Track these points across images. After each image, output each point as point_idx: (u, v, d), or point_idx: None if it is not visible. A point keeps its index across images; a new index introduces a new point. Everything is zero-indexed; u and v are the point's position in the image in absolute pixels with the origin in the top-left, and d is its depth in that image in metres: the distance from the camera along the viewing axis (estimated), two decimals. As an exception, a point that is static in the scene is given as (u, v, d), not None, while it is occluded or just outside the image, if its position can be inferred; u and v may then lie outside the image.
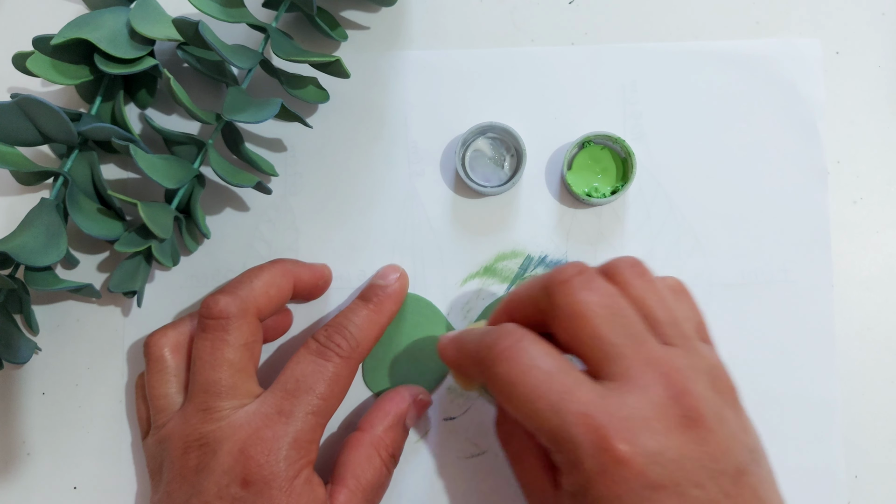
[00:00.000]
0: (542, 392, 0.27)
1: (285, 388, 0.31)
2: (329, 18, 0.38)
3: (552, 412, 0.26)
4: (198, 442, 0.31)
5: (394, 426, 0.34)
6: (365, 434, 0.33)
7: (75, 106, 0.39)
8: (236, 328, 0.32)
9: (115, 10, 0.35)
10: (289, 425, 0.31)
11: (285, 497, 0.30)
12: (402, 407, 0.34)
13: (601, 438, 0.25)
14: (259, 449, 0.30)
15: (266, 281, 0.34)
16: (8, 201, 0.39)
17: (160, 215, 0.34)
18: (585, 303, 0.27)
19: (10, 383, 0.38)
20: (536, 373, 0.27)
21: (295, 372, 0.32)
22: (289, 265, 0.35)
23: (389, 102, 0.39)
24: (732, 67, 0.38)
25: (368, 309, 0.34)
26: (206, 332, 0.32)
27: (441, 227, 0.38)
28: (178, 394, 0.33)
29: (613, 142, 0.37)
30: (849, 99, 0.38)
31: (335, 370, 0.32)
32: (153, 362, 0.34)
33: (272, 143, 0.39)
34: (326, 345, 0.32)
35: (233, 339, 0.32)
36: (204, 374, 0.32)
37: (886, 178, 0.38)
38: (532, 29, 0.39)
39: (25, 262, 0.32)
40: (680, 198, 0.38)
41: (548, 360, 0.27)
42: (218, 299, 0.32)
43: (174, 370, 0.34)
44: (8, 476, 0.37)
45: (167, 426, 0.33)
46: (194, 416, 0.32)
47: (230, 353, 0.32)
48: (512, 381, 0.27)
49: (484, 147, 0.38)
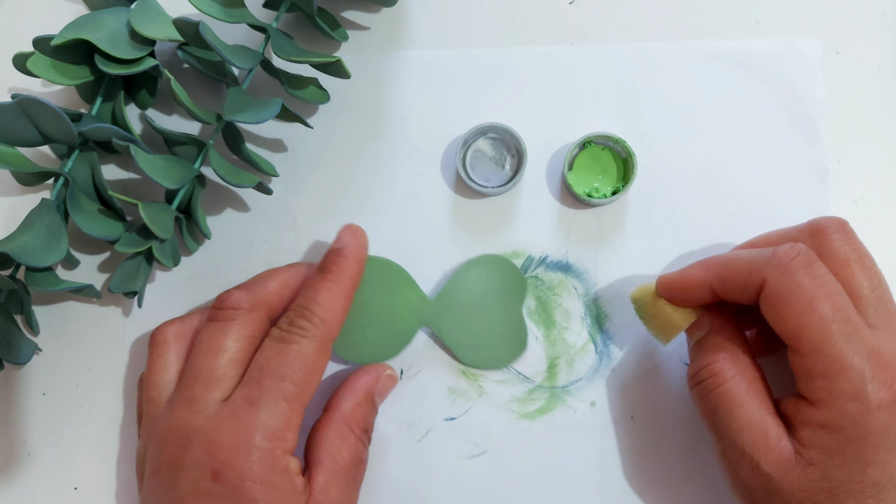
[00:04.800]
0: (835, 315, 0.28)
1: (251, 377, 0.31)
2: (329, 19, 0.38)
3: (844, 337, 0.28)
4: (175, 435, 0.30)
5: (362, 402, 0.33)
6: (333, 413, 0.33)
7: (76, 106, 0.39)
8: (243, 320, 0.32)
9: (115, 11, 0.35)
10: (257, 414, 0.30)
11: (261, 489, 0.29)
12: (370, 382, 0.34)
13: (889, 377, 0.28)
14: (227, 440, 0.29)
15: (281, 282, 0.34)
16: (8, 202, 0.39)
17: (161, 215, 0.34)
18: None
19: (10, 384, 0.38)
20: (833, 288, 0.29)
21: (259, 360, 0.31)
22: (305, 269, 0.35)
23: (390, 102, 0.39)
24: (733, 67, 0.38)
25: (328, 280, 0.33)
26: (213, 322, 0.32)
27: (441, 227, 0.38)
28: (174, 383, 0.33)
29: (614, 142, 0.37)
30: (849, 98, 0.38)
31: (300, 350, 0.31)
32: (154, 349, 0.33)
33: (273, 143, 0.39)
34: (288, 330, 0.32)
35: (237, 330, 0.32)
36: (199, 360, 0.31)
37: (887, 178, 0.38)
38: (532, 29, 0.39)
39: (26, 263, 0.32)
40: (680, 198, 0.38)
41: (836, 284, 0.29)
42: (231, 292, 0.33)
43: (174, 360, 0.33)
44: (8, 476, 0.37)
45: (154, 420, 0.32)
46: (179, 407, 0.31)
47: (231, 342, 0.32)
48: (807, 293, 0.28)
49: (485, 147, 0.38)
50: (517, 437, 0.37)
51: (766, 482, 0.29)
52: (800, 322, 0.28)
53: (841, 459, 0.28)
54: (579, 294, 0.37)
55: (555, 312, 0.37)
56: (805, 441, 0.29)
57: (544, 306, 0.37)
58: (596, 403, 0.37)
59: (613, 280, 0.37)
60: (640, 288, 0.34)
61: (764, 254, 0.30)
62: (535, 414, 0.37)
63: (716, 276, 0.31)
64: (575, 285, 0.37)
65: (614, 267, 0.37)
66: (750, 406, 0.30)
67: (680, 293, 0.32)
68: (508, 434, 0.37)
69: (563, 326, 0.37)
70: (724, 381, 0.31)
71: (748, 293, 0.30)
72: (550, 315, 0.37)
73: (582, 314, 0.37)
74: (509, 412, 0.37)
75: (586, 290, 0.37)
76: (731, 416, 0.30)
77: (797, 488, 0.28)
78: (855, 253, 0.31)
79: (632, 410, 0.37)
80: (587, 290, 0.37)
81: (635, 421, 0.37)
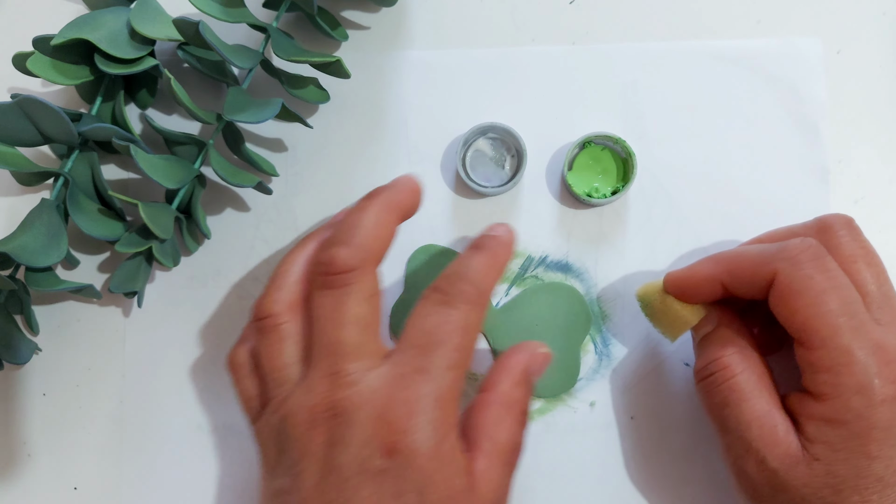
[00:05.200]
0: (844, 309, 0.28)
1: (416, 343, 0.28)
2: (330, 18, 0.38)
3: (852, 331, 0.28)
4: (327, 413, 0.28)
5: (519, 382, 0.30)
6: (490, 393, 0.30)
7: (75, 106, 0.38)
8: (360, 281, 0.29)
9: (115, 10, 0.35)
10: (429, 383, 0.27)
11: (433, 464, 0.27)
12: (524, 361, 0.31)
13: (893, 372, 0.28)
14: (401, 412, 0.27)
15: (374, 222, 0.30)
16: (8, 202, 0.39)
17: (161, 215, 0.34)
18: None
19: (10, 384, 0.38)
20: (842, 282, 0.29)
21: (424, 325, 0.29)
22: (385, 196, 0.31)
23: (390, 102, 0.38)
24: (733, 67, 0.38)
25: (484, 255, 0.31)
26: (328, 289, 0.29)
27: (441, 226, 0.38)
28: (299, 363, 0.30)
29: (614, 142, 0.37)
30: (850, 98, 0.38)
31: (465, 317, 0.29)
32: (270, 332, 0.30)
33: (273, 143, 0.39)
34: (450, 292, 0.29)
35: (357, 293, 0.29)
36: (328, 333, 0.29)
37: (888, 178, 0.38)
38: (532, 29, 0.39)
39: (26, 263, 0.32)
40: (681, 198, 0.38)
41: (845, 279, 0.29)
42: (337, 251, 0.29)
43: (294, 336, 0.30)
44: (8, 476, 0.37)
45: (289, 400, 0.29)
46: (320, 383, 0.28)
47: (356, 308, 0.29)
48: (816, 287, 0.29)
49: (485, 147, 0.38)
50: (517, 437, 0.37)
51: (772, 477, 0.29)
52: (808, 315, 0.29)
53: (845, 455, 0.28)
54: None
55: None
56: (810, 436, 0.29)
57: (544, 306, 0.37)
58: (596, 403, 0.37)
59: (613, 280, 0.37)
60: (647, 285, 0.34)
61: (775, 247, 0.30)
62: (535, 414, 0.37)
63: (725, 271, 0.31)
64: (575, 285, 0.37)
65: (614, 267, 0.37)
66: (759, 400, 0.30)
67: (690, 289, 0.32)
68: (508, 434, 0.37)
69: (563, 326, 0.37)
70: (733, 375, 0.31)
71: (758, 287, 0.30)
72: (551, 315, 0.37)
73: (582, 314, 0.37)
74: (509, 412, 0.37)
75: (587, 291, 0.37)
76: (739, 409, 0.30)
77: (802, 484, 0.28)
78: (861, 250, 0.31)
79: (632, 410, 0.37)
80: (587, 290, 0.37)
81: (635, 421, 0.37)
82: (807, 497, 0.28)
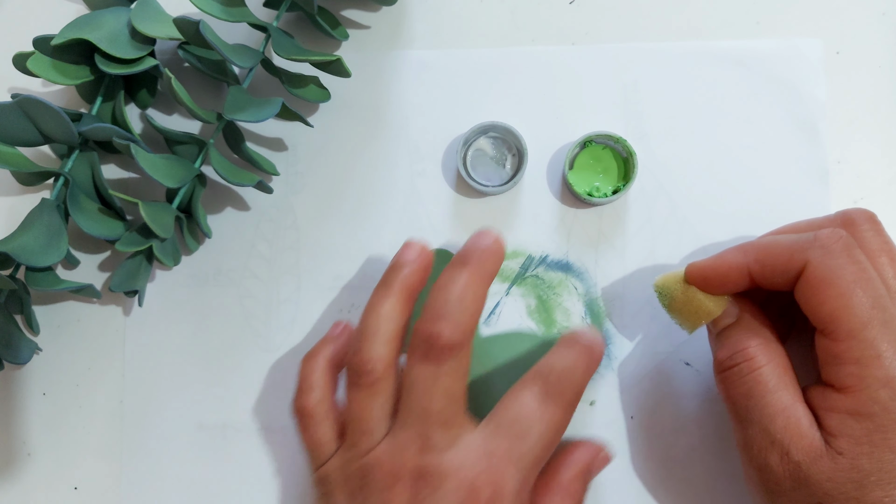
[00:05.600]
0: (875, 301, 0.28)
1: (511, 429, 0.30)
2: (330, 18, 0.38)
3: (882, 325, 0.28)
4: (414, 473, 0.29)
5: (580, 475, 0.33)
6: (553, 480, 0.32)
7: (76, 106, 0.38)
8: (458, 357, 0.30)
9: (115, 10, 0.35)
10: (518, 472, 0.29)
11: None
12: (588, 457, 0.33)
13: None
14: (490, 491, 0.29)
15: (472, 297, 0.31)
16: (8, 201, 0.39)
17: (161, 215, 0.34)
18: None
19: (10, 383, 0.38)
20: (872, 275, 0.29)
21: (521, 412, 0.30)
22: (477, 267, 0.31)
23: (390, 102, 0.39)
24: (733, 67, 0.38)
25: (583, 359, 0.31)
26: (429, 362, 0.30)
27: (442, 226, 0.38)
28: (387, 418, 0.31)
29: (615, 141, 0.37)
30: (850, 99, 0.38)
31: (562, 419, 0.30)
32: (373, 385, 0.31)
33: (273, 142, 0.39)
34: (552, 391, 0.30)
35: (453, 369, 0.30)
36: (421, 401, 0.30)
37: (887, 179, 0.38)
38: (532, 29, 0.39)
39: (26, 263, 0.32)
40: (681, 197, 0.38)
41: (874, 272, 0.29)
42: (441, 328, 0.30)
43: (389, 392, 0.31)
44: (8, 476, 0.37)
45: (376, 451, 0.30)
46: (411, 443, 0.30)
47: (449, 382, 0.30)
48: (849, 276, 0.28)
49: (485, 146, 0.38)
50: (518, 436, 0.37)
51: (795, 470, 0.29)
52: (838, 305, 0.28)
53: (869, 448, 0.28)
54: (579, 294, 0.37)
55: (555, 312, 0.37)
56: (833, 430, 0.28)
57: (544, 306, 0.37)
58: (596, 403, 0.37)
59: (614, 280, 0.37)
60: (666, 276, 0.34)
61: (806, 237, 0.30)
62: (536, 414, 0.37)
63: (754, 260, 0.31)
64: (575, 285, 0.37)
65: (615, 267, 0.37)
66: (783, 393, 0.30)
67: (715, 279, 0.32)
68: (509, 434, 0.37)
69: (563, 326, 0.37)
70: (759, 367, 0.30)
71: (787, 276, 0.30)
72: (550, 315, 0.37)
73: (582, 314, 0.37)
74: (510, 412, 0.37)
75: (586, 290, 0.37)
76: (764, 401, 0.30)
77: (826, 478, 0.28)
78: (885, 245, 0.31)
79: (631, 410, 0.37)
80: (587, 289, 0.37)
81: (635, 421, 0.37)
82: (829, 492, 0.28)
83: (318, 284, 0.38)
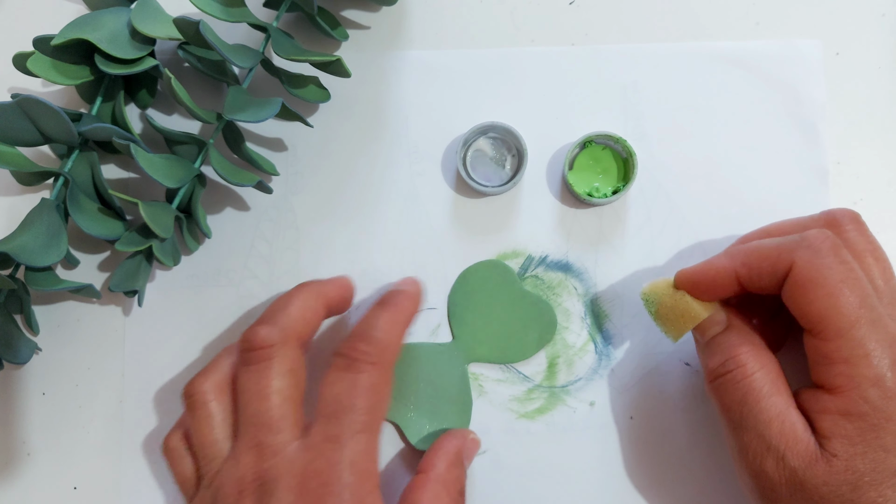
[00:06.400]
0: (863, 301, 0.28)
1: (326, 412, 0.30)
2: (330, 18, 0.38)
3: (870, 324, 0.28)
4: (253, 483, 0.29)
5: (455, 463, 0.33)
6: (428, 474, 0.32)
7: (76, 106, 0.38)
8: (280, 355, 0.31)
9: (115, 10, 0.35)
10: (342, 451, 0.29)
11: None
12: (459, 445, 0.34)
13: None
14: (316, 482, 0.29)
15: (300, 305, 0.32)
16: (8, 201, 0.39)
17: (161, 214, 0.34)
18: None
19: (10, 383, 0.38)
20: (860, 275, 0.29)
21: (330, 393, 0.30)
22: (315, 286, 0.34)
23: (390, 102, 0.39)
24: (733, 68, 0.38)
25: (388, 311, 0.33)
26: (250, 365, 0.31)
27: (442, 226, 0.38)
28: (228, 439, 0.31)
29: (615, 142, 0.37)
30: (849, 100, 0.38)
31: (370, 380, 0.30)
32: (198, 409, 0.32)
33: (273, 142, 0.39)
34: (352, 355, 0.31)
35: (277, 367, 0.31)
36: (252, 406, 0.30)
37: (887, 179, 0.38)
38: (532, 29, 0.39)
39: (26, 263, 0.32)
40: (681, 198, 0.38)
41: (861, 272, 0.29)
42: (258, 330, 0.31)
43: (221, 413, 0.32)
44: (8, 476, 0.37)
45: (220, 474, 0.31)
46: (246, 455, 0.30)
47: (277, 381, 0.31)
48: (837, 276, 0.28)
49: (485, 147, 0.38)
50: (516, 436, 0.37)
51: (791, 475, 0.29)
52: (827, 305, 0.28)
53: (863, 448, 0.28)
54: (579, 294, 0.37)
55: (555, 312, 0.37)
56: (826, 432, 0.29)
57: (544, 306, 0.37)
58: (595, 403, 0.37)
59: (613, 280, 0.37)
60: (654, 283, 0.34)
61: (792, 238, 0.30)
62: (535, 414, 0.37)
63: (741, 264, 0.31)
64: (575, 285, 0.37)
65: (614, 267, 0.38)
66: (777, 398, 0.30)
67: (704, 284, 0.32)
68: (508, 434, 0.37)
69: (562, 326, 0.37)
70: (751, 373, 0.30)
71: (775, 278, 0.30)
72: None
73: (582, 314, 0.37)
74: (509, 412, 0.37)
75: (586, 290, 0.37)
76: (758, 407, 0.30)
77: (822, 482, 0.28)
78: (870, 245, 0.31)
79: (631, 410, 0.37)
80: (587, 290, 0.37)
81: (634, 421, 0.37)
82: (825, 496, 0.28)
83: (317, 284, 0.38)
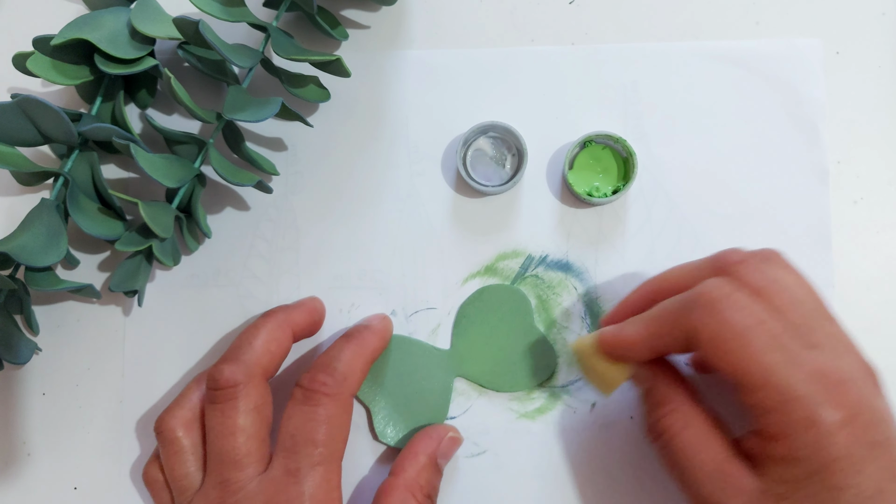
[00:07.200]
0: (770, 344, 0.27)
1: (285, 447, 0.31)
2: (329, 17, 0.38)
3: (785, 365, 0.27)
4: None
5: (425, 466, 0.33)
6: (397, 478, 0.33)
7: (75, 106, 0.38)
8: (245, 394, 0.32)
9: (115, 10, 0.35)
10: (301, 484, 0.30)
11: None
12: (432, 446, 0.34)
13: (839, 396, 0.26)
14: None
15: (264, 339, 0.33)
16: (8, 201, 0.39)
17: (161, 214, 0.34)
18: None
19: (10, 383, 0.38)
20: (761, 317, 0.28)
21: (288, 427, 0.31)
22: (281, 315, 0.34)
23: (390, 102, 0.39)
24: (733, 67, 0.38)
25: (351, 343, 0.33)
26: (216, 403, 0.32)
27: (442, 226, 0.38)
28: (199, 471, 0.32)
29: (615, 141, 0.37)
30: (849, 99, 0.38)
31: (326, 412, 0.31)
32: (168, 444, 0.33)
33: (273, 142, 0.39)
34: (311, 387, 0.31)
35: (243, 406, 0.31)
36: (218, 444, 0.31)
37: (887, 179, 0.38)
38: (532, 29, 0.39)
39: (26, 263, 0.32)
40: (681, 198, 0.38)
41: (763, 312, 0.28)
42: (222, 369, 0.32)
43: (191, 448, 0.33)
44: (8, 476, 0.37)
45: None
46: (213, 491, 0.31)
47: (242, 419, 0.31)
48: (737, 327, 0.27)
49: (485, 146, 0.38)
50: (517, 436, 0.37)
51: None
52: (738, 358, 0.27)
53: (812, 489, 0.27)
54: (579, 294, 0.37)
55: (554, 312, 0.37)
56: (772, 476, 0.27)
57: (544, 306, 0.37)
58: (595, 403, 0.37)
59: (613, 280, 0.37)
60: (580, 341, 0.33)
61: (688, 297, 0.29)
62: (535, 414, 0.37)
63: (650, 335, 0.30)
64: (575, 285, 0.37)
65: (614, 267, 0.37)
66: (709, 452, 0.29)
67: (620, 352, 0.31)
68: (508, 434, 0.37)
69: (562, 326, 0.37)
70: (676, 434, 0.30)
71: (682, 342, 0.29)
72: (550, 314, 0.37)
73: (582, 314, 0.37)
74: (509, 412, 0.37)
75: (586, 290, 0.37)
76: (691, 466, 0.29)
77: None
78: (764, 280, 0.29)
79: (631, 410, 0.37)
80: (587, 289, 0.37)
81: (635, 421, 0.37)
82: None
83: (317, 284, 0.38)
